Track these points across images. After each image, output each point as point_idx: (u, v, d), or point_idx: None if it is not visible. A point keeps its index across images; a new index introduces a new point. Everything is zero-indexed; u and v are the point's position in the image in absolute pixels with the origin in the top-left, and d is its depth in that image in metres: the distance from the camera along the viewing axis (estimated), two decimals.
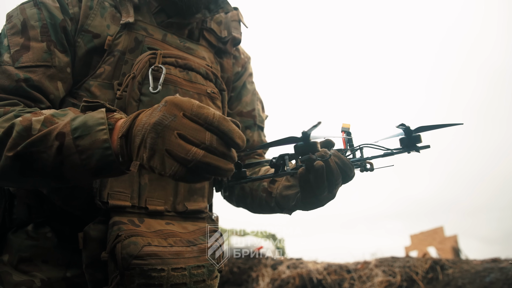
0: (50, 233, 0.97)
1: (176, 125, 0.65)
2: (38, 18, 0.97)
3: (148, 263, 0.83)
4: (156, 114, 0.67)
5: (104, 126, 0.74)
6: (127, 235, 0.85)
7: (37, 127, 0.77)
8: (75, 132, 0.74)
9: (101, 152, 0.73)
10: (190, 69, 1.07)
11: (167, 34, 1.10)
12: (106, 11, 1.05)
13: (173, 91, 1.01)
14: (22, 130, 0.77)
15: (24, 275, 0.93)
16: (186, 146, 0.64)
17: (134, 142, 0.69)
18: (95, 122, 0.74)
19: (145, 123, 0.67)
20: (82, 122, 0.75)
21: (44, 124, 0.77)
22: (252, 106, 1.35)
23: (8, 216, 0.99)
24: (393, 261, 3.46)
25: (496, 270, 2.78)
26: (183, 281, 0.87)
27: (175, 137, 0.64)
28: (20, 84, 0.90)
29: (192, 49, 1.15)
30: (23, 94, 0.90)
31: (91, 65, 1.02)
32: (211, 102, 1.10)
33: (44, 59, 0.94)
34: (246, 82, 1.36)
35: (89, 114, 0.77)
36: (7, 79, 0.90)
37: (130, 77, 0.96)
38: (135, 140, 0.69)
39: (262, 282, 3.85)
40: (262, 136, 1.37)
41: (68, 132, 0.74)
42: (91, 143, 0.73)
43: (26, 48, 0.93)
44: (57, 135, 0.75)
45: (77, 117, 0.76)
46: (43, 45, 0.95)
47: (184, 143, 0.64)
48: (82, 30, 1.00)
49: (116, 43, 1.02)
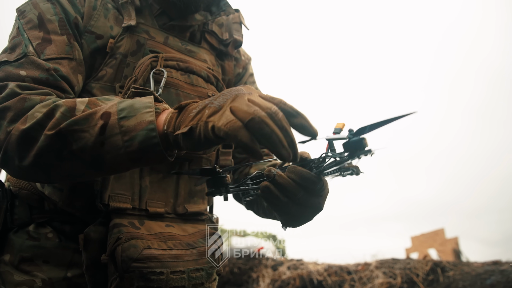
0: (51, 233, 0.97)
1: (249, 92, 0.65)
2: (54, 12, 0.96)
3: (148, 266, 0.84)
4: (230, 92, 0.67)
5: (151, 109, 0.74)
6: (127, 238, 0.86)
7: (81, 108, 0.77)
8: (121, 112, 0.74)
9: (145, 134, 0.72)
10: (192, 72, 1.07)
11: (168, 36, 1.11)
12: (110, 12, 1.05)
13: (175, 94, 1.01)
14: (66, 110, 0.77)
15: (25, 275, 0.93)
16: (253, 106, 0.61)
17: (190, 112, 0.69)
18: (142, 105, 0.75)
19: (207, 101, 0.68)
20: (129, 104, 0.76)
21: (88, 106, 0.78)
22: None
23: (10, 216, 1.00)
24: (394, 262, 3.45)
25: (497, 272, 2.77)
26: (182, 284, 0.87)
27: (244, 99, 0.63)
28: (51, 73, 0.89)
29: (193, 51, 1.15)
30: (54, 84, 0.89)
31: (94, 67, 1.02)
32: None
33: (67, 52, 0.94)
34: (247, 83, 1.36)
35: (137, 99, 0.77)
36: (37, 69, 0.89)
37: (132, 80, 0.96)
38: (191, 110, 0.69)
39: (263, 282, 3.85)
40: None
41: (114, 112, 0.74)
42: (136, 124, 0.73)
43: (48, 41, 0.93)
44: (103, 115, 0.75)
45: (124, 100, 0.77)
46: (64, 38, 0.95)
47: (252, 104, 0.61)
48: (86, 31, 1.00)
49: (118, 46, 1.02)
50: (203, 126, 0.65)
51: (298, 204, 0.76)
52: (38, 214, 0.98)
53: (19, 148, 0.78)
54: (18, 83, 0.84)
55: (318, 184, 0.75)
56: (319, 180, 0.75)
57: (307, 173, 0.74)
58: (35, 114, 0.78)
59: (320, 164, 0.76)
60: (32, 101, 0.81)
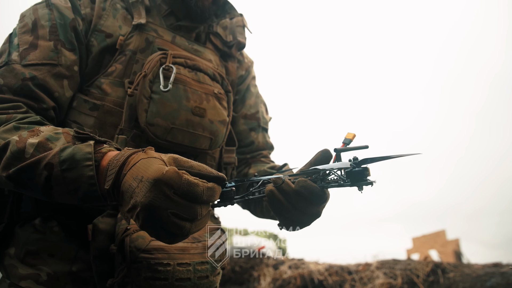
0: (57, 227, 0.99)
1: (168, 205, 0.64)
2: (49, 18, 1.00)
3: (155, 257, 0.85)
4: (145, 193, 0.64)
5: (90, 162, 0.76)
6: (135, 229, 0.88)
7: (30, 151, 0.80)
8: (63, 164, 0.77)
9: (87, 187, 0.76)
10: (199, 70, 1.11)
11: (176, 36, 1.15)
12: (118, 13, 1.09)
13: (183, 90, 1.04)
14: (16, 151, 0.80)
15: (30, 268, 0.94)
16: (180, 223, 0.65)
17: (124, 201, 0.70)
18: (82, 156, 0.77)
19: (135, 194, 0.66)
20: (70, 155, 0.77)
21: (36, 149, 0.80)
22: (256, 109, 1.39)
23: (16, 210, 1.01)
24: (395, 263, 3.46)
25: (497, 274, 2.77)
26: (187, 276, 0.88)
27: (168, 215, 0.64)
28: (26, 83, 0.93)
29: (199, 51, 1.19)
30: (28, 94, 0.93)
31: (102, 64, 1.06)
32: (218, 102, 1.13)
33: (51, 58, 0.98)
34: (250, 85, 1.40)
35: (77, 147, 0.79)
36: (14, 77, 0.93)
37: (142, 75, 1.00)
38: (125, 200, 0.69)
39: (264, 281, 3.86)
40: (266, 137, 1.40)
41: (56, 163, 0.77)
42: (78, 177, 0.76)
43: (34, 46, 0.97)
44: (46, 165, 0.78)
45: (66, 148, 0.79)
46: (51, 44, 0.98)
47: (178, 221, 0.65)
48: (96, 30, 1.05)
49: (128, 43, 1.06)
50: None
51: (299, 211, 0.81)
52: (44, 208, 1.00)
53: None
54: None
55: (322, 198, 0.79)
56: (323, 194, 0.79)
57: (315, 187, 0.78)
58: None
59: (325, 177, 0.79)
60: None
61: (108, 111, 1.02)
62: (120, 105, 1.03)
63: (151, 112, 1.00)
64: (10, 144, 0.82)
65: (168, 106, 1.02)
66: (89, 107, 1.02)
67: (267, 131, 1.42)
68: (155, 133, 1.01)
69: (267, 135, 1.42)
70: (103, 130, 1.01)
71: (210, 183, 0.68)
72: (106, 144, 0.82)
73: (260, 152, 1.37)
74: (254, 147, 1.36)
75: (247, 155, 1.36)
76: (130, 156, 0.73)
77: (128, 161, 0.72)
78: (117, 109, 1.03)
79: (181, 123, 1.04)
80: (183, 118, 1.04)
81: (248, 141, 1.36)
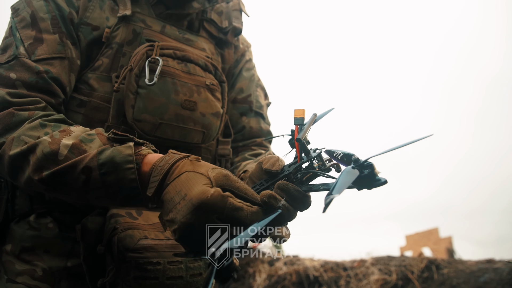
0: (51, 223, 0.98)
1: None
2: (47, 10, 0.96)
3: (144, 256, 0.84)
4: (186, 214, 0.63)
5: (131, 165, 0.74)
6: (123, 228, 0.86)
7: (64, 153, 0.77)
8: (102, 167, 0.75)
9: (129, 190, 0.75)
10: (189, 60, 1.06)
11: (166, 25, 1.10)
12: (105, 4, 1.04)
13: (171, 83, 1.00)
14: (49, 153, 0.78)
15: (26, 264, 0.94)
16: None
17: (164, 210, 0.69)
18: (122, 159, 0.75)
19: (176, 210, 0.65)
20: (109, 157, 0.75)
21: (71, 151, 0.78)
22: (248, 92, 1.30)
23: (11, 207, 1.00)
24: (389, 259, 3.48)
25: (491, 270, 2.80)
26: (179, 274, 0.87)
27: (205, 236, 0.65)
28: (42, 75, 0.89)
29: (191, 40, 1.14)
30: (44, 87, 0.90)
31: (91, 58, 1.01)
32: (210, 94, 1.08)
33: (59, 51, 0.94)
34: (243, 69, 1.32)
35: (116, 149, 0.76)
36: (27, 71, 0.89)
37: (127, 70, 0.96)
38: (165, 210, 0.69)
39: (259, 278, 3.87)
40: (261, 123, 1.31)
41: (95, 167, 0.75)
42: (119, 180, 0.74)
43: (39, 40, 0.93)
44: (83, 169, 0.75)
45: (104, 150, 0.76)
46: (56, 37, 0.95)
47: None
48: (82, 23, 1.00)
49: (114, 36, 1.01)
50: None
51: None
52: (38, 205, 0.99)
53: (10, 172, 0.83)
54: (8, 91, 0.86)
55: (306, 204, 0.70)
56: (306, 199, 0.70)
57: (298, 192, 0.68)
58: (21, 138, 0.81)
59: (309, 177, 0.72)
60: (20, 116, 0.84)
61: (96, 107, 0.99)
62: (108, 101, 0.99)
63: (138, 108, 0.96)
64: (41, 145, 0.79)
65: (155, 100, 0.98)
66: (76, 103, 0.99)
67: (262, 116, 1.32)
68: (143, 129, 0.98)
69: (262, 120, 1.31)
70: (90, 127, 0.97)
71: (255, 207, 0.65)
72: (144, 146, 0.80)
73: (254, 139, 1.28)
74: (246, 133, 1.27)
75: (239, 143, 1.28)
76: (174, 164, 0.71)
77: (172, 170, 0.71)
78: (105, 104, 0.99)
79: (170, 118, 1.00)
80: (172, 112, 1.00)
81: (239, 126, 1.27)
